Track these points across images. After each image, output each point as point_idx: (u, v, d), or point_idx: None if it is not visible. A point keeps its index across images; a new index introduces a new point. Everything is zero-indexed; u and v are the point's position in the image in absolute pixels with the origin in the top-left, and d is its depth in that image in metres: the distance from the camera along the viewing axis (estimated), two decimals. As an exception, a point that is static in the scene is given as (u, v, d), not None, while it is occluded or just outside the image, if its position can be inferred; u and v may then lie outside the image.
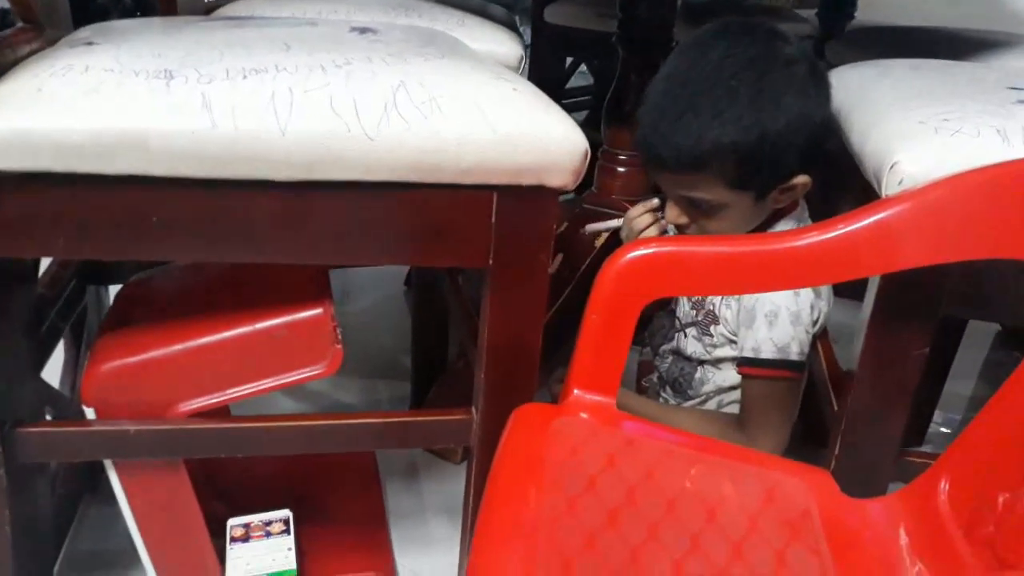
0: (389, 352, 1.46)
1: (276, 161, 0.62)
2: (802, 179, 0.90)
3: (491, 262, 0.70)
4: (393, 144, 0.63)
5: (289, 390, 1.31)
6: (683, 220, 0.94)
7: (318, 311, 0.74)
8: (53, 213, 0.62)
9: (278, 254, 0.67)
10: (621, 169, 1.33)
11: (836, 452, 0.76)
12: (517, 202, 0.68)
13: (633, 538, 0.56)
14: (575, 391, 0.69)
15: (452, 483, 1.15)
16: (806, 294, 0.93)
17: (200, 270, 0.87)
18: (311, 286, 0.77)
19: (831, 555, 0.57)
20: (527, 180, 0.67)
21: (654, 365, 1.14)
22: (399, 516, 1.08)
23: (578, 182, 0.68)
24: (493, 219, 0.68)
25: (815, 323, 0.95)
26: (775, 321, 0.92)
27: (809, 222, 0.96)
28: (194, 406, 0.74)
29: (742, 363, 0.96)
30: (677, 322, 1.07)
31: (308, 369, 0.75)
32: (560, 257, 1.28)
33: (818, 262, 0.62)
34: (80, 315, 0.99)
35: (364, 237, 0.68)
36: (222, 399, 0.75)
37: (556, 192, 0.68)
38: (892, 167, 0.66)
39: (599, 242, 1.31)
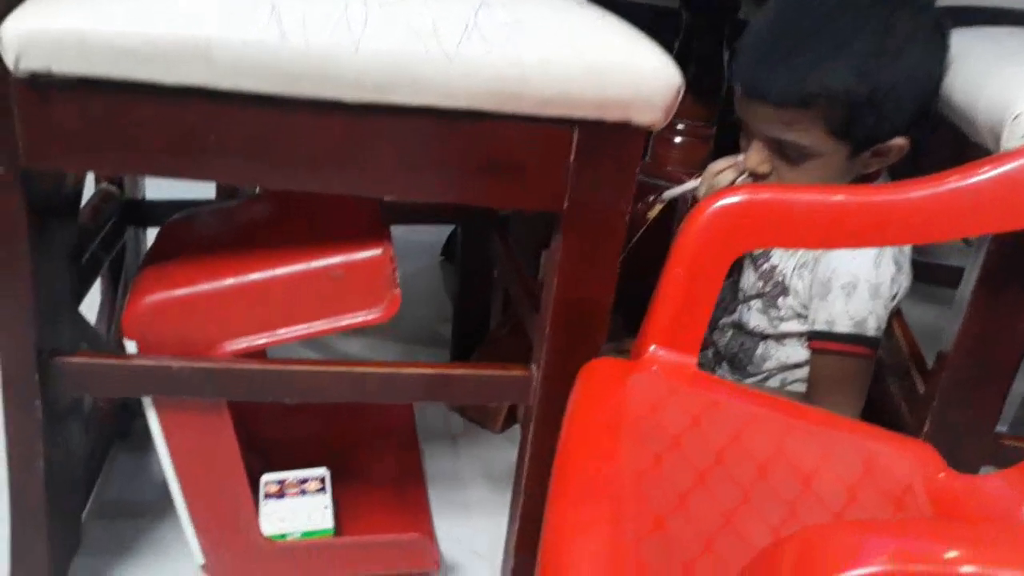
0: (426, 321, 1.42)
1: (347, 80, 0.58)
2: (900, 142, 0.84)
3: (566, 206, 0.65)
4: (472, 67, 0.58)
5: (325, 350, 1.27)
6: (765, 168, 0.88)
7: (377, 251, 0.69)
8: (105, 123, 0.58)
9: (340, 183, 0.63)
10: (678, 140, 1.27)
11: (925, 434, 0.71)
12: (599, 140, 0.63)
13: (726, 501, 0.51)
14: (652, 348, 0.64)
15: (491, 450, 1.11)
16: (887, 265, 0.87)
17: (247, 208, 0.83)
18: (369, 226, 0.72)
19: (941, 532, 0.52)
20: (612, 115, 0.62)
21: (710, 340, 1.09)
22: (437, 481, 1.03)
23: (667, 121, 0.63)
24: (572, 158, 0.63)
25: (894, 298, 0.89)
26: (853, 293, 0.86)
27: None
28: (241, 346, 0.70)
29: (813, 337, 0.90)
30: (740, 293, 1.01)
31: (364, 313, 0.70)
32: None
33: (935, 216, 0.57)
34: (119, 255, 0.95)
35: (432, 170, 0.63)
36: (271, 340, 0.70)
37: (643, 131, 0.63)
38: (1015, 118, 0.61)
39: (652, 214, 1.25)
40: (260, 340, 0.70)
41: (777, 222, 0.60)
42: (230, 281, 0.69)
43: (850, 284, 0.87)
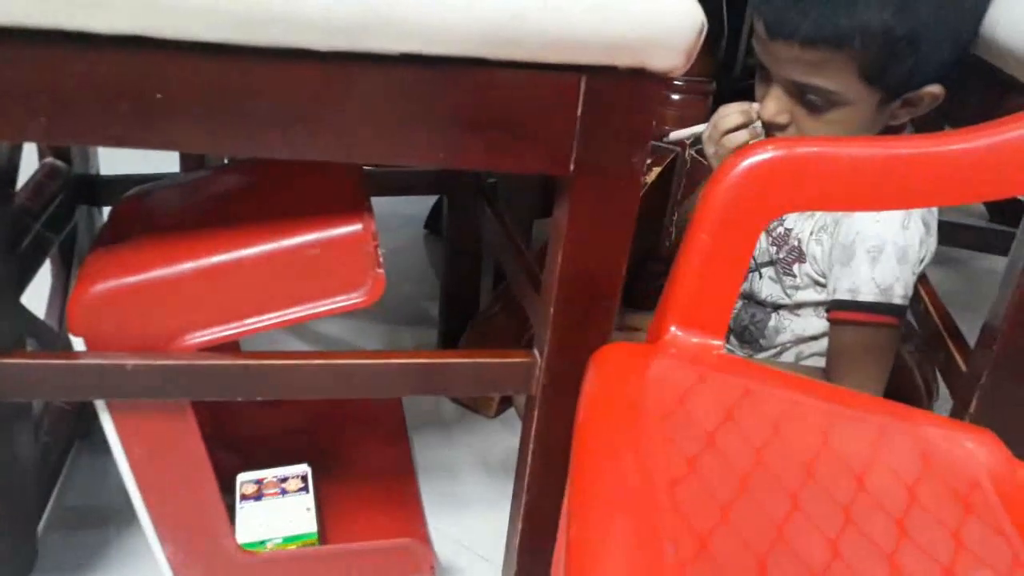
0: (411, 298, 1.34)
1: (313, 23, 0.49)
2: (935, 90, 0.77)
3: (572, 168, 0.57)
4: (461, 5, 0.50)
5: (301, 335, 1.19)
6: (783, 119, 0.80)
7: (357, 227, 0.61)
8: (31, 83, 0.49)
9: (311, 148, 0.54)
10: (676, 97, 1.19)
11: (971, 416, 0.64)
12: (610, 90, 0.54)
13: (774, 510, 0.43)
14: (672, 329, 0.56)
15: (485, 437, 1.04)
16: (916, 227, 0.79)
17: (212, 181, 0.74)
18: (348, 199, 0.63)
19: (1020, 536, 0.45)
20: (624, 60, 0.53)
21: None
22: (428, 474, 0.96)
23: (688, 66, 0.55)
24: (579, 112, 0.55)
25: (921, 262, 0.82)
26: (879, 258, 0.79)
27: None
28: (204, 338, 0.61)
29: (834, 307, 0.83)
30: (752, 261, 0.94)
31: (343, 297, 0.62)
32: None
33: (1002, 168, 0.49)
34: (70, 237, 0.86)
35: (417, 129, 0.54)
36: (239, 331, 0.62)
37: (660, 78, 0.55)
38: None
39: (650, 179, 1.17)
40: (228, 331, 0.62)
41: (821, 180, 0.52)
42: (191, 264, 0.61)
43: (876, 248, 0.79)
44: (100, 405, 0.62)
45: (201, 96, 0.51)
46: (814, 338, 0.90)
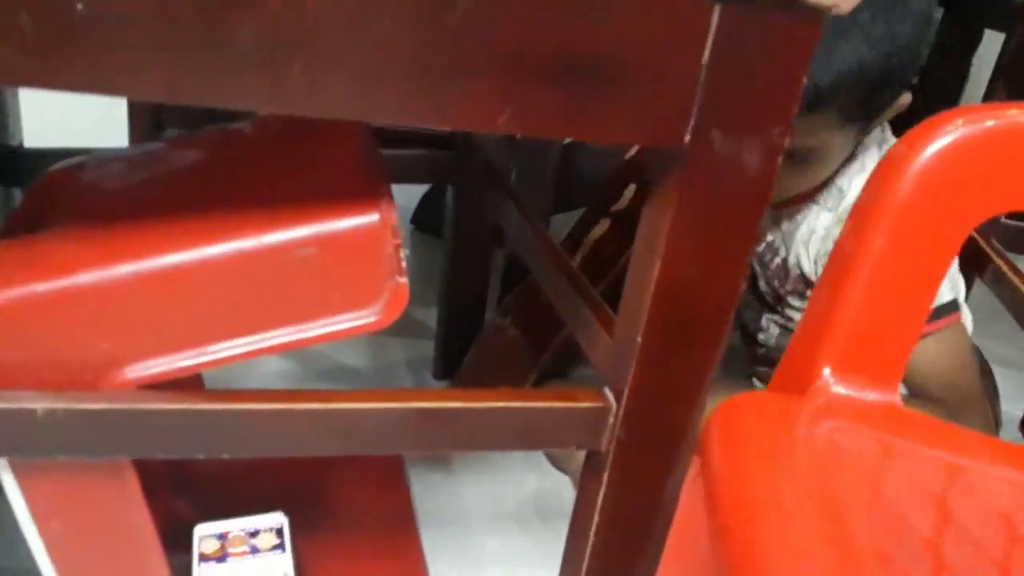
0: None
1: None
2: (904, 100, 0.72)
3: (688, 139, 0.40)
4: None
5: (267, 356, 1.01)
6: None
7: (371, 218, 0.43)
8: None
9: (309, 99, 0.36)
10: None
11: None
12: (754, 27, 0.38)
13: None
14: (824, 373, 0.40)
15: (500, 476, 0.86)
16: None
17: (168, 156, 0.56)
18: (357, 179, 0.46)
19: None
20: (778, -16, 0.37)
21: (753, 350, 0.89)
22: (431, 524, 0.79)
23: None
24: (706, 56, 0.38)
25: None
26: None
27: (893, 141, 0.75)
28: (150, 371, 0.43)
29: None
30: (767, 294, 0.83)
31: (351, 316, 0.44)
32: (634, 188, 0.98)
33: None
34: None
35: (469, 76, 0.37)
36: (198, 361, 0.44)
37: (818, 15, 0.38)
38: None
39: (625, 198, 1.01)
40: (182, 361, 0.44)
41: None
42: (131, 267, 0.42)
43: None
44: (0, 465, 0.43)
45: (150, 9, 0.33)
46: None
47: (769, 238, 0.82)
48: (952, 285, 0.71)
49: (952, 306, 0.71)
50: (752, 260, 0.85)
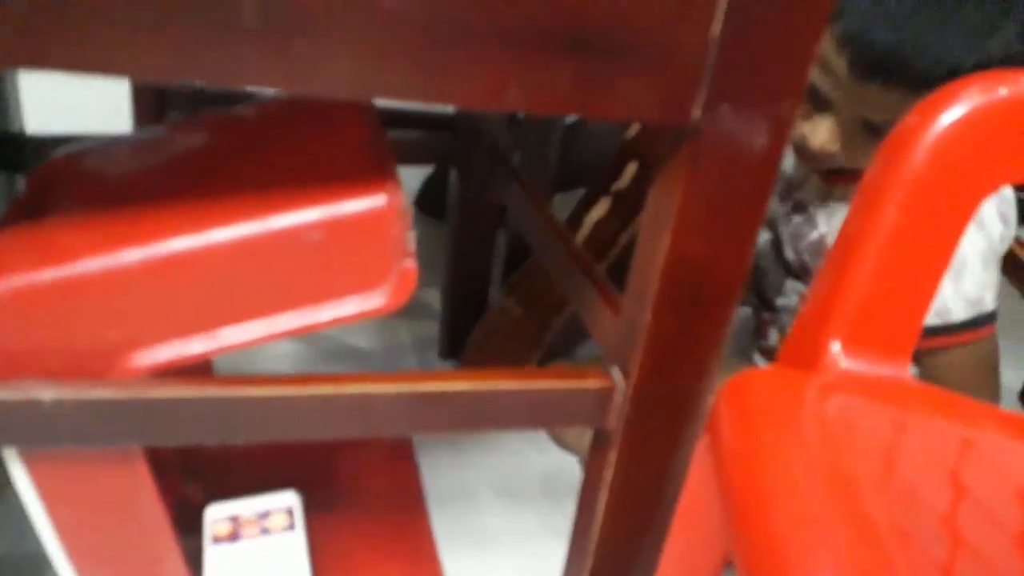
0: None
1: None
2: None
3: (697, 114, 0.39)
4: None
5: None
6: (834, 147, 0.68)
7: (377, 200, 0.43)
8: None
9: (318, 76, 0.36)
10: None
11: None
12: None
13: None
14: (832, 347, 0.39)
15: (507, 456, 0.86)
16: (992, 224, 0.67)
17: (173, 140, 0.55)
18: (363, 160, 0.45)
19: None
20: (789, -46, 0.36)
21: (764, 319, 0.88)
22: (440, 503, 0.79)
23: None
24: (716, 28, 0.37)
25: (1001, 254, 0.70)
26: (963, 272, 0.67)
27: None
28: (159, 358, 0.43)
29: (926, 335, 0.69)
30: (792, 263, 0.81)
31: (357, 300, 0.44)
32: (635, 167, 0.97)
33: None
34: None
35: (477, 50, 0.36)
36: (209, 347, 0.44)
37: (830, -14, 0.38)
38: None
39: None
40: (192, 348, 0.43)
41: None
42: (139, 252, 0.42)
43: (958, 263, 0.66)
44: (9, 455, 0.43)
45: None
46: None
47: (810, 210, 0.80)
48: (973, 304, 0.68)
49: (993, 316, 0.70)
50: (782, 229, 0.84)
